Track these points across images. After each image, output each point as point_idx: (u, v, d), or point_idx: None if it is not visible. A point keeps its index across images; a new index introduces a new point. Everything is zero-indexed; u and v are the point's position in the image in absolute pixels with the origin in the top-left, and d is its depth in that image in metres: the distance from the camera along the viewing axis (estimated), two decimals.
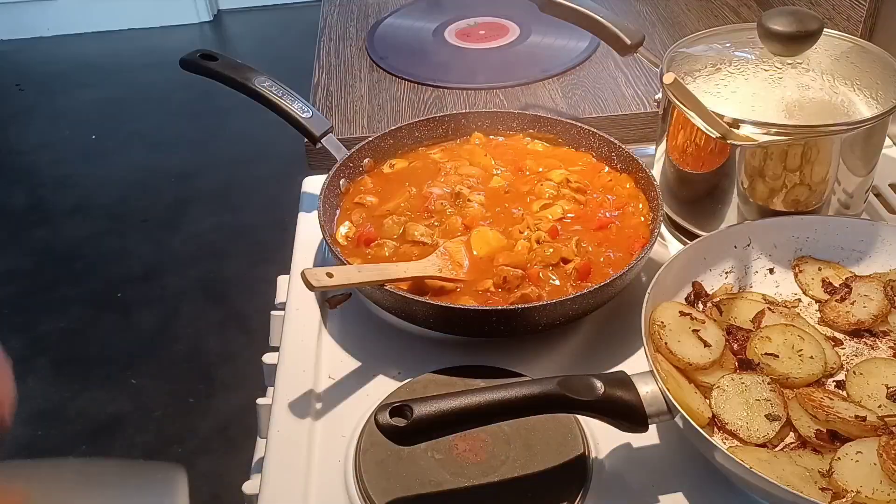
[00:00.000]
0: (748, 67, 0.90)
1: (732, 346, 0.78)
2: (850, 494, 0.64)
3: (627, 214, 0.93)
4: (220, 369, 2.23)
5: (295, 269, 0.94)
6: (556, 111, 1.15)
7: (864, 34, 1.12)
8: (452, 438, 0.72)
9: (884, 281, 0.83)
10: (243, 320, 2.37)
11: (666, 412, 0.69)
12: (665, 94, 0.93)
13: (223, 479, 1.91)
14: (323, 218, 0.88)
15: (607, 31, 0.99)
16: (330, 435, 0.76)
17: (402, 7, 1.49)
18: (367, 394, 0.79)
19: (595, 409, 0.68)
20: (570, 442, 0.72)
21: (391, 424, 0.63)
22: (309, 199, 1.03)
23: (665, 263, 0.81)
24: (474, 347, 0.82)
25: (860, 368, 0.76)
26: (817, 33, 0.88)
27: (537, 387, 0.68)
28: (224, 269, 2.59)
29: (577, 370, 0.75)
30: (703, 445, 0.66)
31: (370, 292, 0.84)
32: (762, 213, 0.90)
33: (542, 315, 0.79)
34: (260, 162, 2.96)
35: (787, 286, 0.87)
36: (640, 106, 1.15)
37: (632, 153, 0.97)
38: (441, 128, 1.05)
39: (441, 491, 0.69)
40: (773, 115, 0.85)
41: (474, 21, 1.42)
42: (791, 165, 0.87)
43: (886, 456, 0.64)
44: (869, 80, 0.88)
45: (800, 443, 0.71)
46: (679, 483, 0.71)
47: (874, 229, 0.87)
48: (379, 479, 0.70)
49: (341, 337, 0.86)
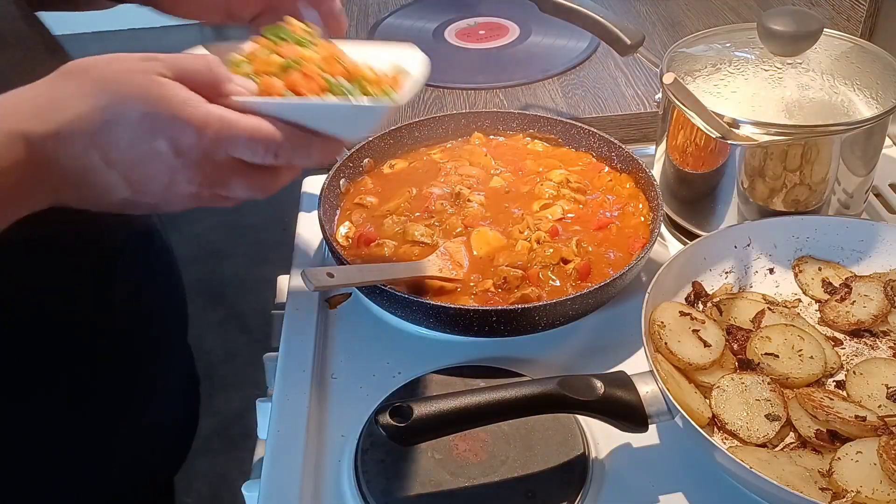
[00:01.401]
0: (748, 67, 0.90)
1: (732, 346, 0.78)
2: (850, 494, 0.64)
3: (627, 214, 0.93)
4: (220, 369, 2.23)
5: (295, 269, 0.94)
6: (556, 111, 1.15)
7: (864, 34, 1.12)
8: (452, 438, 0.72)
9: (884, 281, 0.83)
10: (243, 320, 2.38)
11: (666, 412, 0.69)
12: (665, 94, 0.93)
13: (223, 479, 1.91)
14: (323, 218, 0.88)
15: (607, 31, 0.99)
16: (330, 435, 0.76)
17: (402, 7, 1.49)
18: (367, 394, 0.79)
19: (595, 409, 0.68)
20: (570, 442, 0.72)
21: (391, 424, 0.63)
22: (309, 199, 1.03)
23: (665, 263, 0.81)
24: (474, 347, 0.82)
25: (860, 368, 0.76)
26: (817, 33, 0.88)
27: (537, 387, 0.68)
28: (224, 269, 2.59)
29: (577, 370, 0.75)
30: (703, 445, 0.66)
31: (370, 292, 0.84)
32: (762, 213, 0.90)
33: (542, 315, 0.79)
34: None
35: (787, 286, 0.87)
36: (640, 106, 1.15)
37: (632, 153, 0.97)
38: (441, 128, 1.05)
39: (441, 491, 0.69)
40: (773, 115, 0.85)
41: (474, 21, 1.42)
42: (791, 165, 0.87)
43: (886, 456, 0.64)
44: (869, 80, 0.88)
45: (800, 443, 0.71)
46: (679, 483, 0.71)
47: (874, 229, 0.87)
48: (379, 479, 0.70)
49: (341, 337, 0.86)
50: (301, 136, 0.61)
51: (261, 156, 0.59)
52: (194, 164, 0.58)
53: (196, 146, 0.57)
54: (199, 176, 0.58)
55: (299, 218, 1.01)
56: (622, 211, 0.93)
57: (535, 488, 0.69)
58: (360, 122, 0.65)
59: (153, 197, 0.59)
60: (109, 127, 0.55)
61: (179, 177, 0.58)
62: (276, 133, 0.59)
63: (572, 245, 0.88)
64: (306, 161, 0.62)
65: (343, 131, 0.64)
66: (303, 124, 0.62)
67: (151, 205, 0.60)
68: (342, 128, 0.64)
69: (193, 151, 0.57)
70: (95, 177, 0.57)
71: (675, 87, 0.82)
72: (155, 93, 0.56)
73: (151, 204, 0.60)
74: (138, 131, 0.56)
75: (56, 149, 0.55)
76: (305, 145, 0.61)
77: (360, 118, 0.64)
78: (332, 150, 0.63)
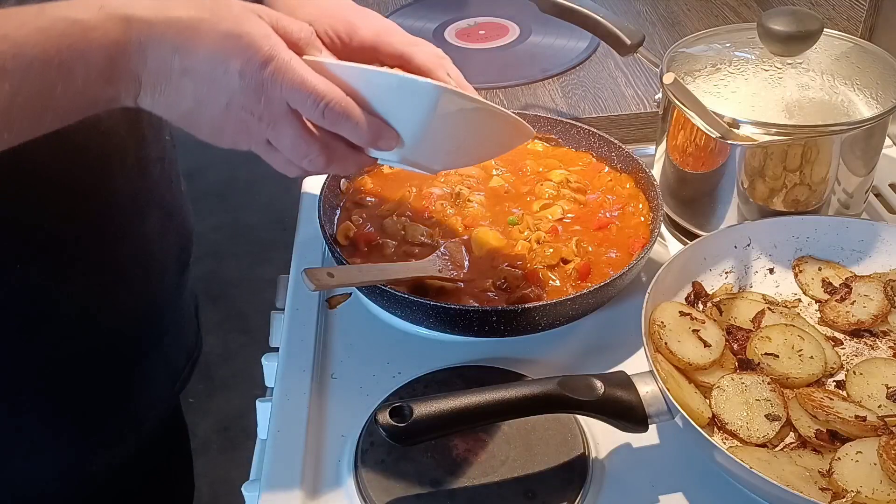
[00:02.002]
0: (748, 67, 0.90)
1: (732, 346, 0.78)
2: (850, 494, 0.64)
3: (627, 214, 0.93)
4: (220, 369, 2.23)
5: (295, 269, 0.94)
6: (556, 111, 1.15)
7: (864, 34, 1.12)
8: (452, 438, 0.72)
9: (884, 281, 0.83)
10: (243, 320, 2.37)
11: (666, 412, 0.69)
12: (665, 94, 0.93)
13: (223, 479, 1.91)
14: (323, 218, 0.88)
15: (607, 31, 0.99)
16: (330, 435, 0.76)
17: (402, 7, 1.49)
18: (367, 394, 0.79)
19: (595, 409, 0.68)
20: (570, 442, 0.72)
21: (391, 424, 0.63)
22: (309, 199, 1.03)
23: (665, 263, 0.81)
24: (474, 347, 0.82)
25: (860, 368, 0.76)
26: (817, 33, 0.88)
27: (537, 387, 0.68)
28: (224, 269, 2.59)
29: (577, 370, 0.75)
30: (703, 445, 0.66)
31: (370, 292, 0.84)
32: (762, 213, 0.90)
33: (542, 315, 0.79)
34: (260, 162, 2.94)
35: (787, 286, 0.87)
36: (640, 106, 1.15)
37: (632, 153, 0.97)
38: None
39: (441, 491, 0.69)
40: (773, 115, 0.85)
41: (474, 21, 1.42)
42: (791, 165, 0.87)
43: (886, 456, 0.64)
44: (869, 80, 0.88)
45: (800, 443, 0.71)
46: (679, 483, 0.71)
47: (874, 229, 0.87)
48: (379, 479, 0.70)
49: (341, 337, 0.86)
50: (353, 105, 0.63)
51: (309, 107, 0.62)
52: (252, 91, 0.61)
53: (258, 74, 0.60)
54: (253, 104, 0.61)
55: (299, 218, 1.01)
56: (622, 211, 0.93)
57: (535, 488, 0.69)
58: (414, 105, 0.64)
59: (210, 116, 0.62)
60: (198, 35, 0.60)
61: (236, 100, 0.61)
62: (329, 90, 0.62)
63: (572, 245, 0.88)
64: (351, 132, 0.64)
65: (395, 112, 0.65)
66: (361, 94, 0.63)
67: (207, 126, 0.63)
68: (394, 108, 0.64)
69: (255, 78, 0.60)
70: (171, 79, 0.60)
71: (675, 87, 0.82)
72: (245, 21, 0.61)
73: (207, 124, 0.63)
74: (218, 46, 0.60)
75: (149, 40, 0.59)
76: (354, 115, 0.63)
77: (413, 100, 0.64)
78: (380, 133, 0.65)
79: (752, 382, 0.74)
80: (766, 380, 0.74)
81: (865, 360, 0.78)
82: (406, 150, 0.67)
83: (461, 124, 0.68)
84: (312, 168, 0.66)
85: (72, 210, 0.76)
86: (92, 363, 0.82)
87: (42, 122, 0.59)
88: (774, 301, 0.85)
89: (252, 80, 0.60)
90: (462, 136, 0.70)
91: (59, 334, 0.78)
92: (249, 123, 0.62)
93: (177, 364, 0.96)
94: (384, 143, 0.65)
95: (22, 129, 0.59)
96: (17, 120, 0.57)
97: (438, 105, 0.64)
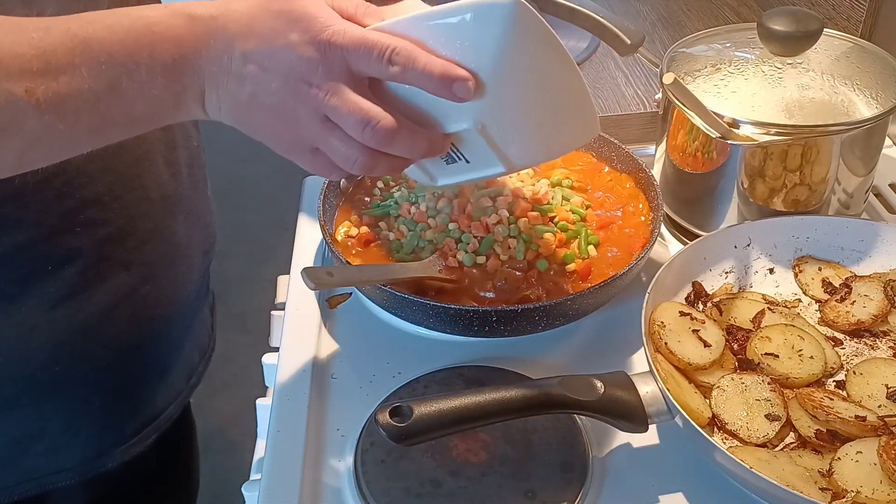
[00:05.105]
0: (748, 67, 0.90)
1: (732, 346, 0.78)
2: (850, 494, 0.64)
3: (627, 214, 0.93)
4: (220, 369, 2.22)
5: (295, 269, 0.94)
6: None
7: (864, 34, 1.12)
8: (452, 438, 0.72)
9: (884, 281, 0.84)
10: (243, 320, 2.37)
11: (666, 412, 0.69)
12: (665, 94, 0.93)
13: (223, 479, 1.91)
14: (323, 218, 0.88)
15: (607, 31, 0.99)
16: (330, 435, 0.76)
17: None
18: (366, 394, 0.79)
19: (595, 409, 0.68)
20: (570, 442, 0.72)
21: (391, 424, 0.63)
22: (309, 199, 1.03)
23: (665, 263, 0.81)
24: (474, 347, 0.82)
25: (860, 368, 0.76)
26: (817, 33, 0.88)
27: (537, 387, 0.68)
28: (224, 269, 2.58)
29: (577, 370, 0.75)
30: (703, 445, 0.66)
31: (370, 292, 0.84)
32: (762, 213, 0.90)
33: (542, 315, 0.79)
34: (260, 162, 2.94)
35: (787, 286, 0.87)
36: (640, 106, 1.15)
37: (632, 153, 0.97)
38: None
39: (441, 491, 0.69)
40: (773, 115, 0.85)
41: None
42: (791, 165, 0.87)
43: (886, 456, 0.64)
44: (869, 80, 0.88)
45: (800, 443, 0.71)
46: (679, 483, 0.71)
47: (874, 229, 0.87)
48: (379, 479, 0.70)
49: (341, 337, 0.86)
50: (419, 49, 0.62)
51: (374, 60, 0.60)
52: (311, 57, 0.60)
53: (317, 37, 0.60)
54: (311, 72, 0.60)
55: (299, 218, 1.01)
56: (622, 211, 0.93)
57: (535, 488, 0.69)
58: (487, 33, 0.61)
59: (273, 95, 0.61)
60: (256, 20, 0.60)
61: (295, 69, 0.60)
62: (392, 40, 0.61)
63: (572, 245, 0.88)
64: (422, 78, 0.61)
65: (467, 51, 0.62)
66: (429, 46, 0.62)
67: (267, 113, 0.62)
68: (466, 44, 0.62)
69: (313, 43, 0.60)
70: (232, 70, 0.61)
71: (675, 87, 0.82)
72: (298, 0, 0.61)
73: (267, 110, 0.62)
74: (276, 23, 0.60)
75: (212, 33, 0.60)
76: (421, 58, 0.61)
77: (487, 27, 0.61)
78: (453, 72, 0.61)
79: (752, 382, 0.74)
80: (766, 380, 0.74)
81: (865, 360, 0.78)
82: (481, 109, 0.64)
83: (537, 71, 0.65)
84: (366, 158, 0.63)
85: (106, 211, 0.76)
86: (117, 361, 0.82)
87: (110, 122, 0.60)
88: (774, 301, 0.85)
89: (311, 46, 0.60)
90: (537, 95, 0.66)
91: (87, 335, 0.78)
92: (312, 93, 0.61)
93: (192, 361, 0.97)
94: (460, 87, 0.61)
95: (91, 127, 0.60)
96: (84, 114, 0.58)
97: (516, 23, 0.60)
